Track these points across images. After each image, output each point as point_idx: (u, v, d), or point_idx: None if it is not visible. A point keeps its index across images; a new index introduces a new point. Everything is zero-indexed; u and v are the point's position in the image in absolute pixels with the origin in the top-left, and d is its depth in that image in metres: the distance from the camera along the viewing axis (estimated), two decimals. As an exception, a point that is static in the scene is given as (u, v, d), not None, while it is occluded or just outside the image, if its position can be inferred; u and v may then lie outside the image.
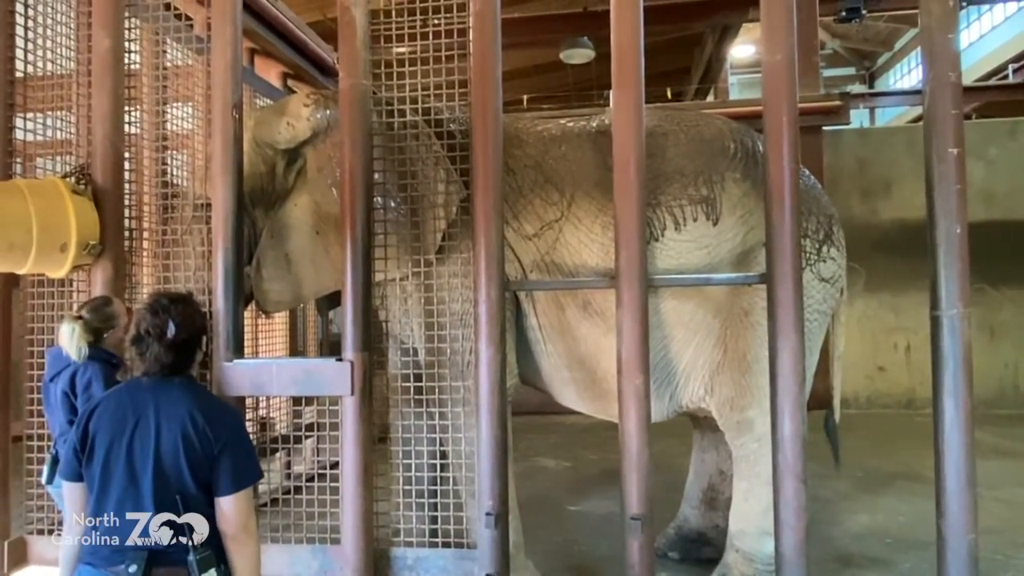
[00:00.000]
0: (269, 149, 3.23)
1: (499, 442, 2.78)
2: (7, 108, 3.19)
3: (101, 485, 1.67)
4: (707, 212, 3.06)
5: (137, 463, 1.65)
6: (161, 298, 1.79)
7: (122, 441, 1.66)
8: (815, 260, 3.12)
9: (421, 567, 2.96)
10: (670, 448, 4.72)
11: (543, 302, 3.19)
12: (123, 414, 1.69)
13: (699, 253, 3.06)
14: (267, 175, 3.24)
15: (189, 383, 1.78)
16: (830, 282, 3.19)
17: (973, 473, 2.65)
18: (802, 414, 2.64)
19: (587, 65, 10.94)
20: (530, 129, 3.38)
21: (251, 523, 1.74)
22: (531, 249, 3.16)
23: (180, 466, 1.65)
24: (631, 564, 2.67)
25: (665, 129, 3.23)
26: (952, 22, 2.71)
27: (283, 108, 3.31)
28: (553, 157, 3.21)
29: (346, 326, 2.87)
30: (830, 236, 3.20)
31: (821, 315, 3.20)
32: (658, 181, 3.07)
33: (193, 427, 1.66)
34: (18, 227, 2.71)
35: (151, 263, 3.54)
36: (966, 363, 2.65)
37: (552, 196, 3.15)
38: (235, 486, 1.69)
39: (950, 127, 2.67)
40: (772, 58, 2.68)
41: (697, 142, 3.21)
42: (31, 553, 3.15)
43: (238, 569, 1.71)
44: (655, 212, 3.04)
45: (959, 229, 2.65)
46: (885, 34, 18.47)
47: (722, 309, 3.09)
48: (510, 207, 3.13)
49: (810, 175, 3.38)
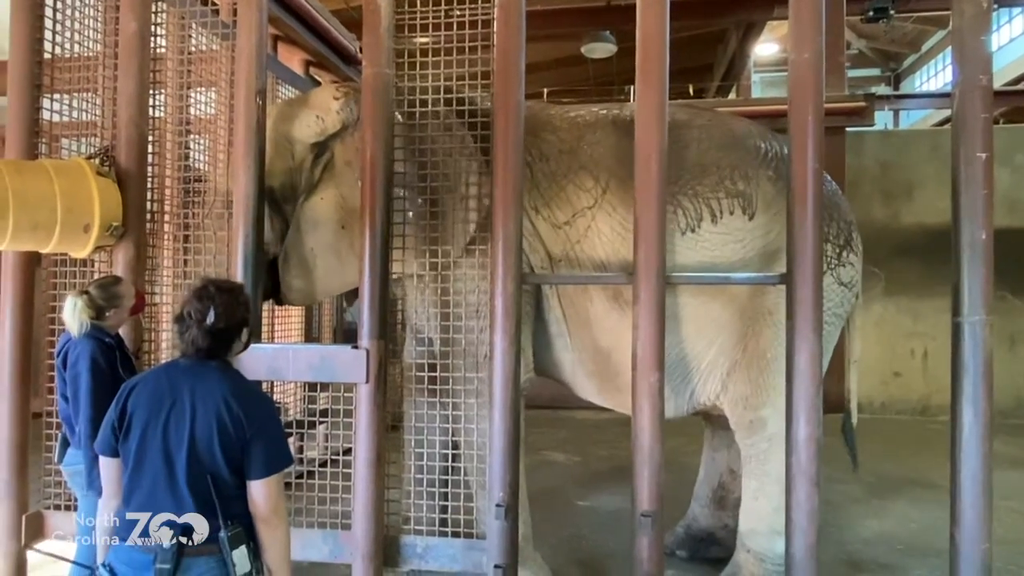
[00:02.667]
0: (297, 143, 3.21)
1: (511, 434, 2.79)
2: (34, 89, 3.23)
3: (136, 462, 1.71)
4: (743, 206, 3.04)
5: (172, 443, 1.69)
6: (209, 285, 1.81)
7: (159, 420, 1.70)
8: (835, 264, 3.12)
9: (430, 555, 2.97)
10: (680, 447, 4.71)
11: (569, 293, 3.17)
12: (160, 394, 1.73)
13: (734, 247, 3.05)
14: (295, 169, 3.23)
15: (225, 368, 1.80)
16: (848, 286, 3.18)
17: (990, 482, 2.62)
18: (818, 417, 2.62)
19: (608, 60, 10.85)
20: (563, 115, 3.34)
21: (281, 506, 1.76)
22: (561, 237, 3.13)
23: (213, 448, 1.68)
24: (640, 560, 2.67)
25: (697, 121, 3.20)
26: (985, 24, 2.66)
27: (310, 101, 3.31)
28: (588, 143, 3.17)
29: (363, 314, 2.88)
30: (850, 241, 3.20)
31: (837, 318, 3.20)
32: (694, 171, 3.05)
33: (227, 411, 1.69)
34: (43, 207, 2.74)
35: (171, 246, 3.58)
36: (986, 370, 2.62)
37: (586, 183, 3.11)
38: (266, 471, 1.72)
39: (979, 131, 2.62)
40: (799, 56, 2.65)
41: (730, 137, 3.19)
42: (47, 527, 3.20)
43: (268, 550, 1.74)
44: (692, 203, 3.02)
45: (984, 235, 2.62)
46: (913, 35, 18.18)
47: (747, 308, 3.08)
48: (541, 194, 3.11)
49: (831, 180, 3.35)
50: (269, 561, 1.74)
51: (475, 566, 2.92)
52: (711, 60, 12.70)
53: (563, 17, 9.50)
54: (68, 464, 2.67)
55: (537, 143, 3.19)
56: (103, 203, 2.95)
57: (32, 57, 3.22)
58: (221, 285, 1.84)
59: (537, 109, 3.41)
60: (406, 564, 3.00)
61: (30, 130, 3.22)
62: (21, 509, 3.19)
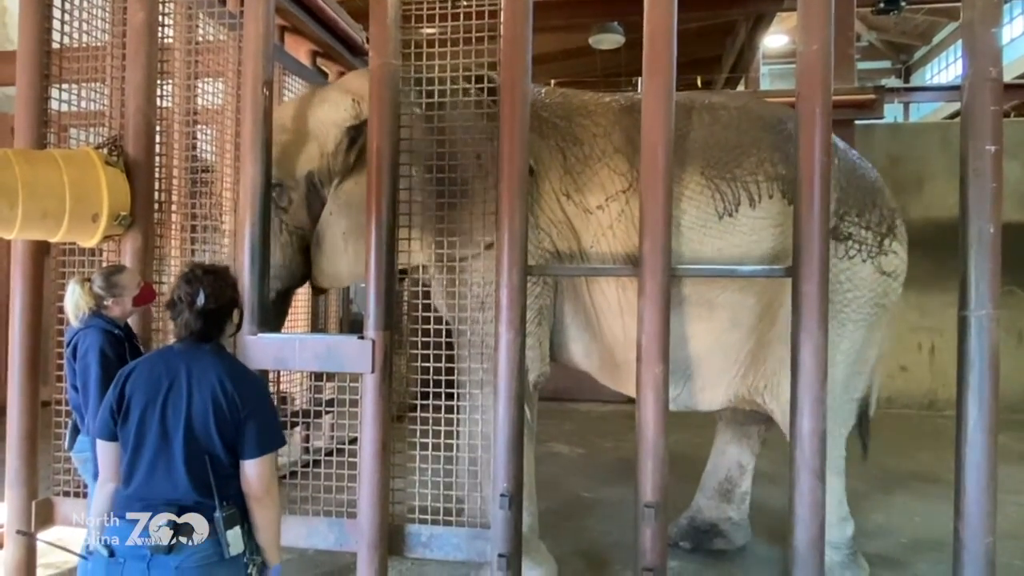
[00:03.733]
0: (333, 127, 3.20)
1: (515, 424, 2.80)
2: (43, 78, 3.24)
3: (135, 444, 1.75)
4: (783, 190, 2.99)
5: (169, 425, 1.73)
6: (196, 268, 1.86)
7: (156, 404, 1.74)
8: (876, 253, 3.07)
9: (435, 544, 3.00)
10: (684, 439, 4.72)
11: (602, 282, 3.16)
12: (157, 378, 1.77)
13: (773, 231, 3.00)
14: (332, 153, 3.21)
15: (219, 351, 1.85)
16: (891, 276, 3.12)
17: (994, 476, 2.62)
18: (822, 410, 2.62)
19: (616, 51, 10.80)
20: (598, 100, 3.33)
21: (273, 486, 1.80)
22: (592, 223, 3.11)
23: (209, 429, 1.73)
24: (643, 551, 2.68)
25: (734, 103, 3.16)
26: (996, 16, 2.64)
27: (348, 85, 3.31)
28: (624, 127, 3.13)
29: (369, 305, 2.89)
30: (893, 230, 3.13)
31: (880, 308, 3.14)
32: (733, 153, 3.00)
33: (222, 393, 1.74)
34: (52, 196, 2.76)
35: (179, 236, 3.60)
36: (992, 365, 2.61)
37: (621, 166, 3.09)
38: (259, 450, 1.77)
39: (988, 124, 2.60)
40: (808, 47, 2.63)
41: (769, 118, 3.15)
42: (57, 514, 3.24)
43: (260, 528, 1.79)
44: (730, 187, 2.98)
45: (992, 228, 2.60)
46: (924, 27, 18.03)
47: (786, 302, 3.05)
48: (574, 179, 3.09)
49: (872, 167, 3.31)
50: (261, 540, 1.79)
51: (479, 555, 2.94)
52: (720, 52, 12.61)
53: (571, 8, 9.45)
54: (78, 451, 2.69)
55: (571, 127, 3.17)
56: (111, 193, 2.97)
57: (41, 47, 3.23)
58: (207, 268, 1.89)
59: (571, 94, 3.39)
60: (411, 552, 3.02)
61: (39, 120, 3.23)
62: (31, 496, 3.23)
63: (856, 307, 3.07)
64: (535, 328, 3.14)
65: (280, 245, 3.19)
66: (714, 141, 3.02)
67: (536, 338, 3.16)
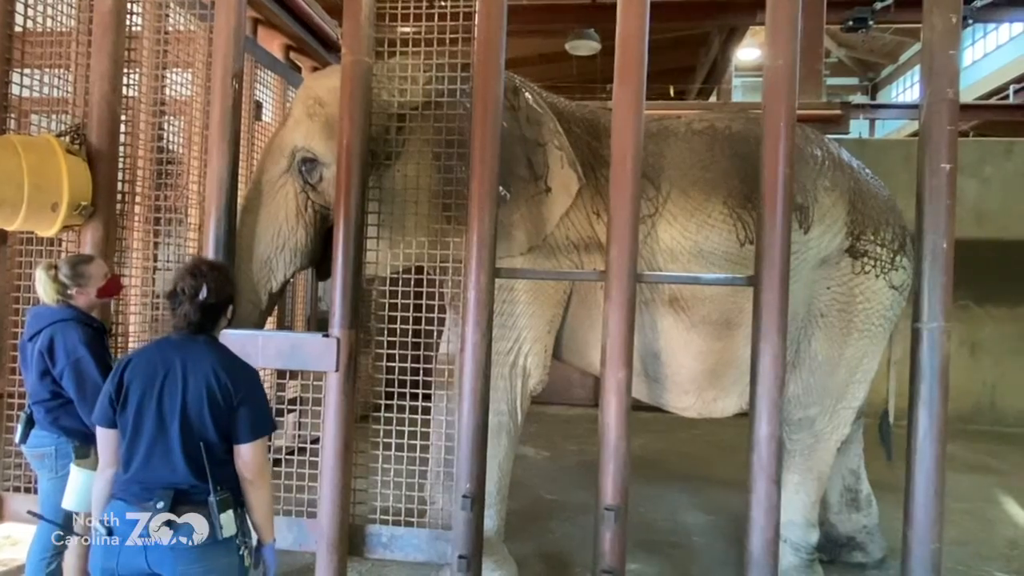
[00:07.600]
0: (380, 112, 3.13)
1: (480, 426, 2.80)
2: (4, 63, 3.16)
3: (133, 431, 1.84)
4: (800, 220, 3.08)
5: (166, 412, 1.82)
6: (201, 264, 1.97)
7: (153, 392, 1.83)
8: (888, 268, 3.18)
9: (395, 545, 2.99)
10: (647, 444, 4.77)
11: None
12: (154, 367, 1.86)
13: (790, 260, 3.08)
14: (375, 139, 3.13)
15: (213, 342, 1.95)
16: (898, 290, 3.24)
17: (943, 484, 2.70)
18: (780, 416, 2.68)
19: (592, 58, 10.89)
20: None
21: (266, 469, 1.91)
22: None
23: (204, 416, 1.82)
24: (602, 553, 2.70)
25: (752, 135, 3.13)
26: (954, 39, 2.73)
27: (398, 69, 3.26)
28: (651, 153, 3.19)
29: (334, 302, 2.87)
30: (903, 246, 3.26)
31: (887, 321, 3.26)
32: (753, 185, 3.01)
33: (216, 381, 1.83)
34: (10, 183, 2.69)
35: (142, 228, 3.53)
36: (943, 376, 2.69)
37: (647, 191, 3.13)
38: (252, 435, 1.86)
39: (944, 142, 2.69)
40: (774, 62, 2.69)
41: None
42: (6, 510, 3.15)
43: (254, 508, 1.89)
44: (751, 216, 3.06)
45: (945, 244, 2.69)
46: (891, 46, 18.53)
47: (799, 311, 3.13)
48: (604, 199, 3.10)
49: (884, 186, 3.42)
50: (255, 519, 1.90)
51: (440, 556, 2.94)
52: (693, 62, 12.79)
53: (548, 13, 9.51)
54: (35, 447, 2.59)
55: (601, 149, 3.23)
56: (72, 181, 2.91)
57: (3, 30, 3.15)
58: (212, 264, 2.03)
59: (601, 113, 3.44)
60: (371, 553, 3.01)
61: (-1, 105, 3.16)
62: (-21, 490, 3.14)
63: (864, 318, 3.18)
64: (544, 336, 3.21)
65: (303, 224, 3.12)
66: (734, 171, 3.13)
67: (543, 345, 3.22)
